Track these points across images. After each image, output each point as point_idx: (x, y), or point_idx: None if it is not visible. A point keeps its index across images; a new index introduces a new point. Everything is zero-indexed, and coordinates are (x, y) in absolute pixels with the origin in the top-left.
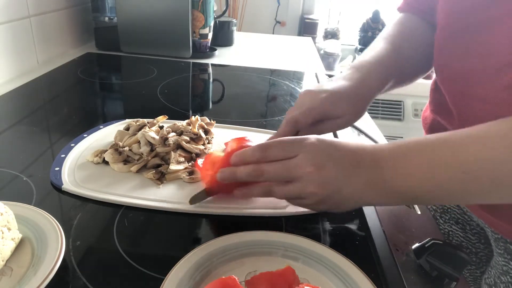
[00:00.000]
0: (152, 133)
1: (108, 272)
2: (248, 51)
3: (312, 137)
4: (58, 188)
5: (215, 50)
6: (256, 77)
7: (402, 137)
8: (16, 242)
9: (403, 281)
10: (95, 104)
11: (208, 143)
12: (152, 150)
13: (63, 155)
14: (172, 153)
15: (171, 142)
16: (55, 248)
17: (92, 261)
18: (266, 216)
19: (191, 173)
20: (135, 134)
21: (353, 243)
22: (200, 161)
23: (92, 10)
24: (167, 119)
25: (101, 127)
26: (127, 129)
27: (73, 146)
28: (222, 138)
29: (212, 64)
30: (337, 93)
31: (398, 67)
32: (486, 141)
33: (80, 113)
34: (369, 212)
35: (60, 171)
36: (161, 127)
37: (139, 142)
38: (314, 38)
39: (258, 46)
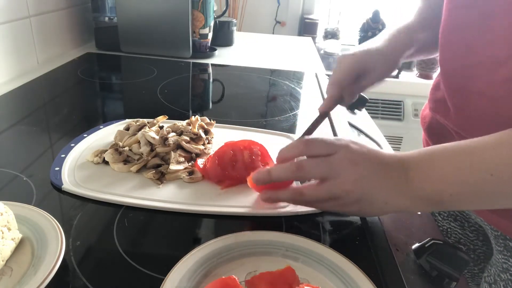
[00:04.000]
0: (152, 133)
1: (108, 272)
2: (248, 51)
3: (347, 138)
4: (58, 188)
5: (215, 50)
6: (256, 77)
7: (402, 137)
8: (16, 242)
9: (403, 281)
10: (95, 104)
11: (208, 143)
12: (152, 150)
13: (63, 155)
14: (172, 153)
15: (171, 142)
16: (55, 248)
17: (92, 261)
18: (266, 216)
19: (191, 173)
20: (135, 134)
21: (353, 243)
22: (200, 161)
23: (92, 10)
24: (167, 119)
25: (101, 127)
26: (127, 129)
27: (73, 146)
28: (222, 138)
29: (212, 64)
30: (371, 50)
31: (421, 36)
32: (507, 146)
33: (80, 113)
34: None
35: (60, 171)
36: (161, 127)
37: (139, 142)
38: (314, 38)
39: (258, 46)
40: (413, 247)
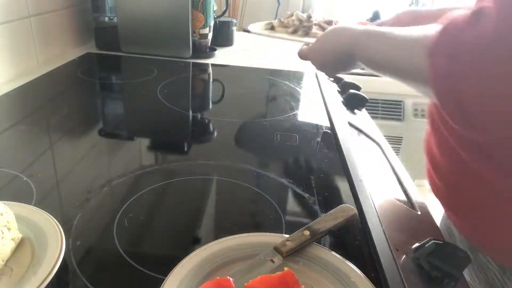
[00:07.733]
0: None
1: (108, 272)
2: (248, 51)
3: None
4: None
5: (215, 50)
6: (256, 77)
7: (402, 137)
8: (16, 242)
9: (403, 281)
10: (95, 104)
11: None
12: None
13: None
14: None
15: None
16: (55, 248)
17: (92, 261)
18: (266, 217)
19: None
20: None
21: (353, 243)
22: None
23: (92, 10)
24: None
25: None
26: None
27: None
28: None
29: (212, 64)
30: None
31: None
32: None
33: (80, 113)
34: (369, 212)
35: None
36: None
37: None
38: None
39: (258, 46)
40: (413, 247)
